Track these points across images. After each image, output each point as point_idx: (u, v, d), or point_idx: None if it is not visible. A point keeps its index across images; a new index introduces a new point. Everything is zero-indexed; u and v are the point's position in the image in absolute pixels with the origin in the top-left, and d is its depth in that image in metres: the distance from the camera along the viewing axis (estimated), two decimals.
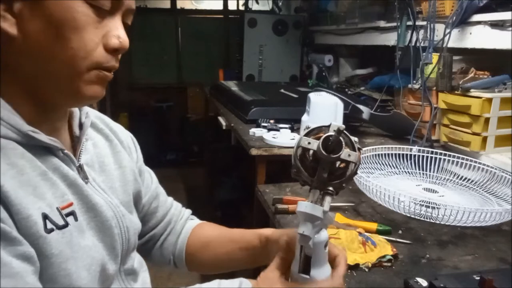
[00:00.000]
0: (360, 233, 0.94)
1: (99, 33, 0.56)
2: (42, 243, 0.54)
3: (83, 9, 0.54)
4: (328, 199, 0.53)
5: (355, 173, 0.53)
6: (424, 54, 1.58)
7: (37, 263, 0.53)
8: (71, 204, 0.59)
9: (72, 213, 0.59)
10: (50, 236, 0.55)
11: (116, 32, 0.57)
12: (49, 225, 0.55)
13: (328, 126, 0.53)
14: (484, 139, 1.37)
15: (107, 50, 0.57)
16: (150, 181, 0.87)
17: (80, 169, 0.65)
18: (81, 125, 0.69)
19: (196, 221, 0.94)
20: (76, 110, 0.69)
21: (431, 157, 1.30)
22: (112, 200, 0.69)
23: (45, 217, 0.55)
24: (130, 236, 0.72)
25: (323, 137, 0.51)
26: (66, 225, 0.57)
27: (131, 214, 0.75)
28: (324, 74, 2.72)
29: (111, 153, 0.75)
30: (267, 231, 0.79)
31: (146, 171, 0.86)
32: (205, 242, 0.87)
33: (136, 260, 0.79)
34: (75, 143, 0.67)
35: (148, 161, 0.87)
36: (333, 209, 1.12)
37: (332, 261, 0.64)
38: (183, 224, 0.91)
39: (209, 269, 0.90)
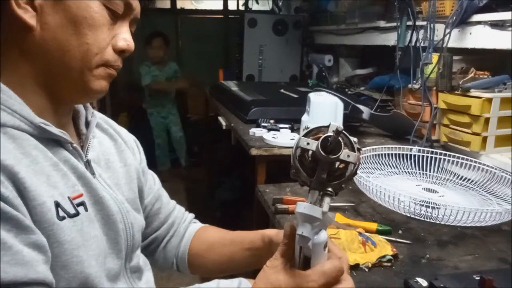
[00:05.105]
0: (360, 233, 0.94)
1: (110, 34, 0.62)
2: (56, 229, 0.56)
3: (101, 10, 0.60)
4: (327, 200, 0.53)
5: (355, 173, 0.53)
6: (424, 54, 1.58)
7: (48, 253, 0.54)
8: (81, 195, 0.62)
9: (82, 204, 0.62)
10: (62, 223, 0.57)
11: (125, 35, 0.64)
12: (61, 213, 0.57)
13: (327, 127, 0.53)
14: (484, 139, 1.37)
15: (115, 50, 0.63)
16: (153, 182, 0.88)
17: (87, 164, 0.67)
18: (87, 124, 0.72)
19: (199, 224, 0.95)
20: (81, 109, 0.72)
21: (431, 157, 1.30)
22: (117, 196, 0.71)
23: (57, 205, 0.57)
24: (134, 233, 0.73)
25: (322, 138, 0.50)
26: (77, 214, 0.60)
27: (137, 211, 0.77)
28: (324, 74, 2.72)
29: (116, 151, 0.77)
30: (271, 232, 0.78)
31: (149, 173, 0.88)
32: (208, 244, 0.88)
33: (141, 259, 0.80)
34: (82, 141, 0.70)
35: (148, 161, 0.88)
36: (333, 209, 1.12)
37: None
38: (186, 226, 0.92)
39: (213, 272, 0.89)
